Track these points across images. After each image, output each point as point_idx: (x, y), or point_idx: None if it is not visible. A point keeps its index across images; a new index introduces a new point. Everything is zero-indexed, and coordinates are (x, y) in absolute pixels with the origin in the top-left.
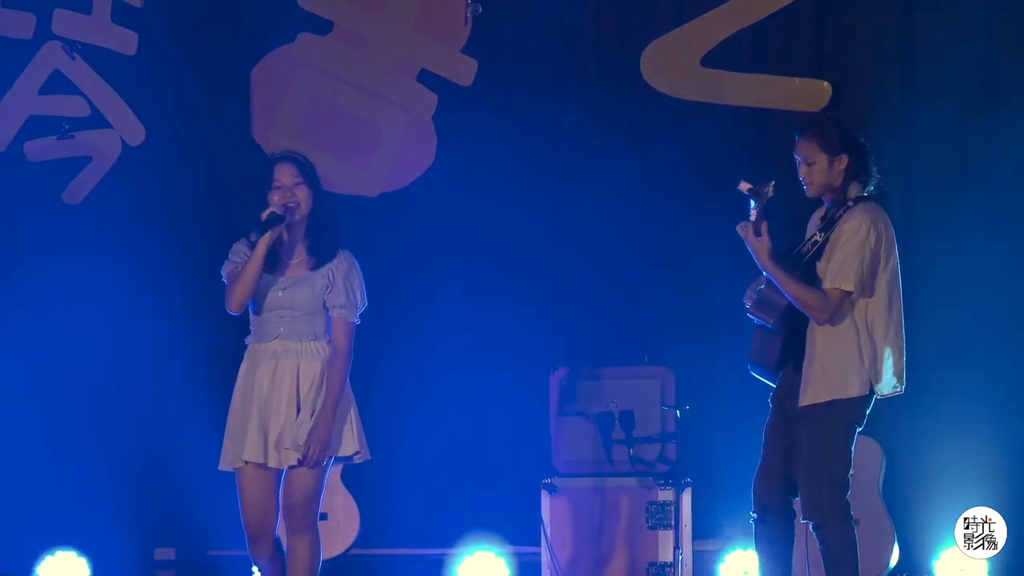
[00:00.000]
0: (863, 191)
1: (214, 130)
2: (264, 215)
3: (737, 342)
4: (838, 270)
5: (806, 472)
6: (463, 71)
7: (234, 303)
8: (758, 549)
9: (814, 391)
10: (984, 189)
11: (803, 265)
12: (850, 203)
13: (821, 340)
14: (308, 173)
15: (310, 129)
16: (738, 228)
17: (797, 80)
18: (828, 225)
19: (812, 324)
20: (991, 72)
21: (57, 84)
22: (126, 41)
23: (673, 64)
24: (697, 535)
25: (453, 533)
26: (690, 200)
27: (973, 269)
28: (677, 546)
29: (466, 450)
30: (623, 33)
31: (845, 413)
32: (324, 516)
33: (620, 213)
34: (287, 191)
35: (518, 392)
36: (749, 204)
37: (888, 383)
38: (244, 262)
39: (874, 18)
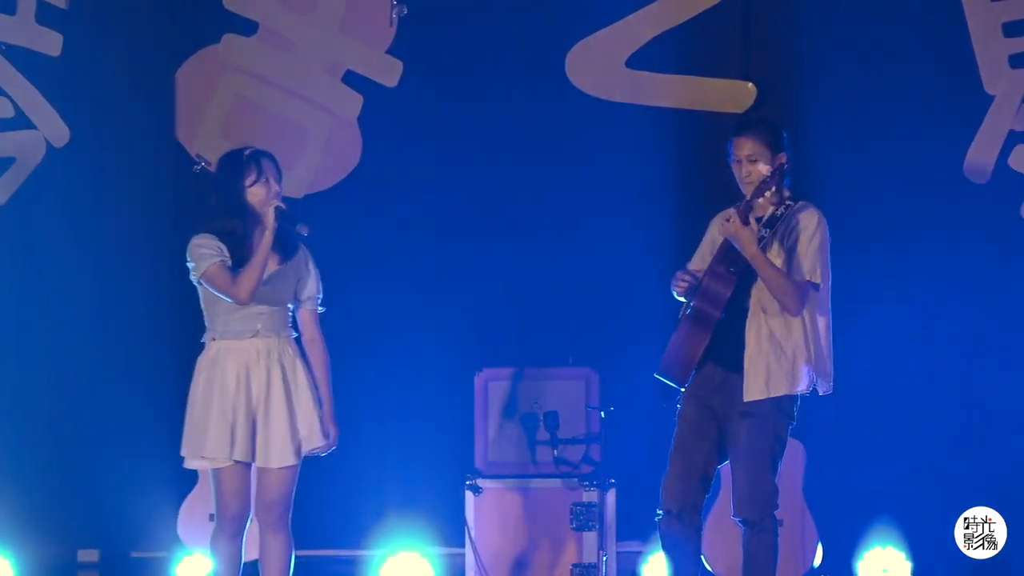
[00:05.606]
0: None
1: (139, 131)
2: (278, 206)
3: (661, 343)
4: (811, 264)
5: (747, 469)
6: (388, 72)
7: (249, 292)
8: (672, 548)
9: (769, 386)
10: (913, 187)
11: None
12: (789, 202)
13: (772, 334)
14: (281, 171)
15: (235, 130)
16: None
17: (722, 81)
18: (771, 222)
19: (757, 319)
20: (915, 72)
21: None
22: (51, 42)
23: (598, 65)
24: (621, 536)
25: (377, 534)
26: (615, 201)
27: (903, 267)
28: (601, 547)
29: (390, 451)
30: (548, 33)
31: (789, 409)
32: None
33: (544, 213)
34: (275, 186)
35: (442, 393)
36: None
37: (824, 382)
38: (225, 256)
39: (798, 19)
